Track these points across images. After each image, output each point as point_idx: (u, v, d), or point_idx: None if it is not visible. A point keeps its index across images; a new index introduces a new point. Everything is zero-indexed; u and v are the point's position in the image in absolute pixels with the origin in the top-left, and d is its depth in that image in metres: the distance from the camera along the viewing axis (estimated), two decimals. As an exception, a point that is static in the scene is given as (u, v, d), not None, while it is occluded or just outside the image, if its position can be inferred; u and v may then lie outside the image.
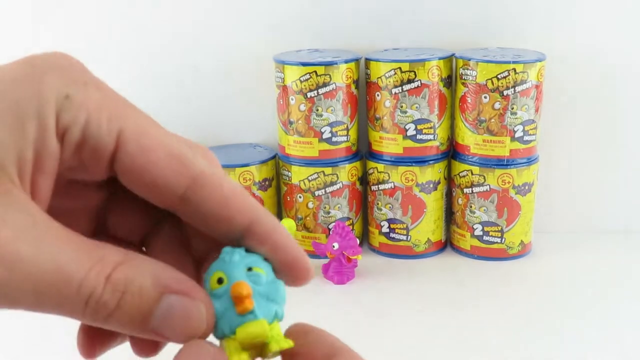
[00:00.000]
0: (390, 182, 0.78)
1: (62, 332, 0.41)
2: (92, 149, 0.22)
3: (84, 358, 0.25)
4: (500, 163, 0.76)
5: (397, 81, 0.75)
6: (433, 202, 0.79)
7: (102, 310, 0.20)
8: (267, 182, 0.81)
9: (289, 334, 0.24)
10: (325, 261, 0.75)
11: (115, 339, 0.25)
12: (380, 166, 0.79)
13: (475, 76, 0.74)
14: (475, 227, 0.79)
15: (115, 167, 0.22)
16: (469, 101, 0.76)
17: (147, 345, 0.25)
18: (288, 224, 0.76)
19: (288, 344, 0.23)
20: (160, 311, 0.21)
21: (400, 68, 0.74)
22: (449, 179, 0.81)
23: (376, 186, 0.80)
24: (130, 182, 0.23)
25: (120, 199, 0.26)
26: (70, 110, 0.21)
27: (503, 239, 0.78)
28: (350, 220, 0.81)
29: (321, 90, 0.75)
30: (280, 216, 0.84)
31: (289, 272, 0.24)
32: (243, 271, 0.23)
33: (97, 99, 0.22)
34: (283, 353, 0.23)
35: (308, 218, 0.80)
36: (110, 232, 0.26)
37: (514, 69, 0.72)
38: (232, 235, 0.23)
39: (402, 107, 0.76)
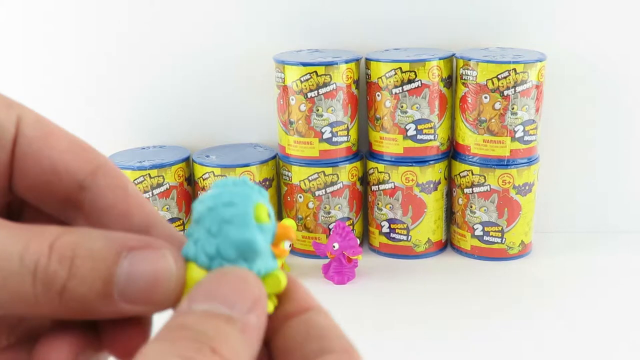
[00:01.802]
0: (391, 182, 0.78)
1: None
2: None
3: None
4: (501, 163, 0.76)
5: (397, 81, 0.75)
6: (433, 202, 0.79)
7: (54, 282, 0.18)
8: (267, 182, 0.81)
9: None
10: (326, 261, 0.75)
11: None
12: (381, 166, 0.79)
13: (476, 76, 0.74)
14: (475, 227, 0.79)
15: (14, 156, 0.21)
16: (470, 101, 0.75)
17: (125, 342, 0.21)
18: (288, 224, 0.76)
19: (274, 302, 0.21)
20: (122, 271, 0.18)
21: (400, 68, 0.74)
22: (450, 179, 0.81)
23: (376, 186, 0.80)
24: (28, 172, 0.21)
25: None
26: None
27: (503, 239, 0.78)
28: (351, 221, 0.81)
29: (321, 91, 0.75)
30: (280, 216, 0.84)
31: None
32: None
33: None
34: None
35: (308, 218, 0.80)
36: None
37: (515, 69, 0.72)
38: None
39: (402, 107, 0.76)
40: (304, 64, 0.74)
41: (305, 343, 0.19)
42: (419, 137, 0.77)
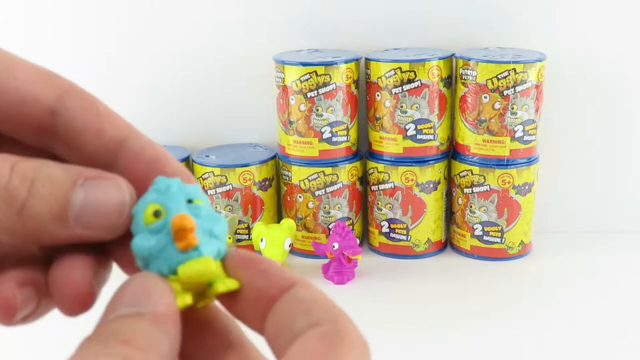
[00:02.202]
0: (390, 182, 0.78)
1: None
2: None
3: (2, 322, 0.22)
4: (501, 163, 0.76)
5: (397, 81, 0.75)
6: (433, 202, 0.79)
7: (14, 199, 0.19)
8: (267, 182, 0.81)
9: (233, 266, 0.21)
10: (325, 261, 0.75)
11: (32, 295, 0.22)
12: (380, 166, 0.79)
13: (476, 76, 0.74)
14: (475, 227, 0.79)
15: None
16: (469, 101, 0.76)
17: (71, 292, 0.21)
18: (288, 223, 0.76)
19: (234, 284, 0.20)
20: (77, 197, 0.19)
21: (400, 68, 0.74)
22: (449, 179, 0.81)
23: (376, 186, 0.80)
24: None
25: None
26: None
27: (503, 239, 0.78)
28: (350, 220, 0.81)
29: (321, 90, 0.75)
30: (280, 216, 0.84)
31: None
32: (183, 203, 0.21)
33: None
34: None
35: (308, 218, 0.80)
36: None
37: (514, 69, 0.72)
38: (105, 154, 0.22)
39: (402, 107, 0.76)
40: (304, 64, 0.74)
41: (293, 320, 0.19)
42: (418, 137, 0.77)
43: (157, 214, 0.20)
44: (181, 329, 0.19)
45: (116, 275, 0.22)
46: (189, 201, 0.21)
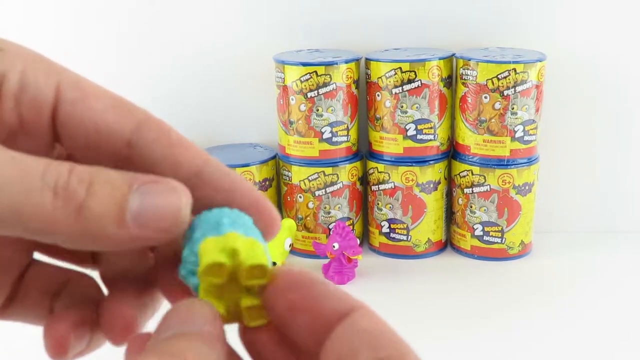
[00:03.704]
0: (391, 182, 0.78)
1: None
2: (31, 99, 0.21)
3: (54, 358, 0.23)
4: (501, 163, 0.76)
5: (397, 81, 0.75)
6: (433, 202, 0.79)
7: (73, 199, 0.19)
8: (267, 182, 0.81)
9: (283, 287, 0.21)
10: (326, 261, 0.75)
11: (84, 334, 0.23)
12: (381, 166, 0.79)
13: (476, 76, 0.74)
14: (475, 227, 0.79)
15: (56, 121, 0.21)
16: (470, 101, 0.76)
17: (121, 325, 0.23)
18: (288, 224, 0.76)
19: (262, 320, 0.21)
20: (135, 198, 0.20)
21: (400, 68, 0.74)
22: (449, 179, 0.81)
23: (376, 186, 0.80)
24: (73, 135, 0.22)
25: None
26: (5, 60, 0.21)
27: (503, 239, 0.78)
28: (351, 220, 0.81)
29: (321, 90, 0.75)
30: (280, 216, 0.84)
31: (255, 215, 0.23)
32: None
33: (31, 52, 0.22)
34: (283, 306, 0.21)
35: (308, 218, 0.80)
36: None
37: (514, 69, 0.72)
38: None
39: (402, 107, 0.76)
40: (304, 64, 0.74)
41: (357, 354, 0.19)
42: (418, 137, 0.77)
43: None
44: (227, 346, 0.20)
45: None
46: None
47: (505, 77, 0.73)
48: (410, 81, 0.75)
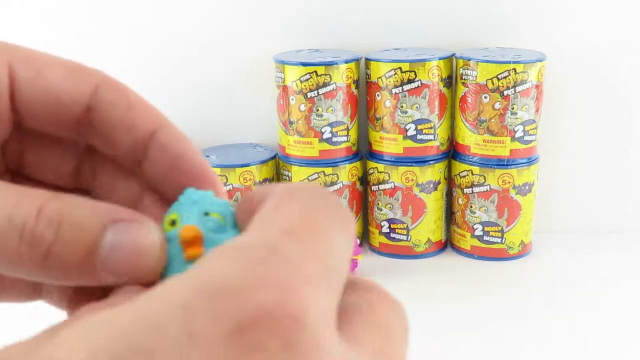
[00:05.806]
0: (391, 182, 0.78)
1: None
2: None
3: None
4: (501, 163, 0.76)
5: (397, 81, 0.75)
6: (433, 202, 0.79)
7: (39, 244, 0.18)
8: (267, 182, 0.81)
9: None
10: (326, 261, 0.75)
11: None
12: (381, 166, 0.79)
13: (476, 76, 0.74)
14: (475, 227, 0.79)
15: (15, 102, 0.21)
16: (469, 101, 0.76)
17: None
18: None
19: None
20: (106, 241, 0.19)
21: (400, 68, 0.74)
22: (449, 179, 0.81)
23: (376, 186, 0.80)
24: (34, 111, 0.21)
25: (31, 139, 0.24)
26: None
27: (503, 239, 0.78)
28: (351, 220, 0.81)
29: (321, 90, 0.75)
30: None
31: (196, 183, 0.22)
32: (198, 214, 0.21)
33: None
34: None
35: (308, 218, 0.80)
36: (31, 175, 0.24)
37: (514, 69, 0.72)
38: (137, 148, 0.22)
39: (402, 107, 0.76)
40: (304, 64, 0.74)
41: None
42: (418, 137, 0.77)
43: (173, 223, 0.21)
44: None
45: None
46: (206, 214, 0.21)
47: (505, 77, 0.73)
48: (410, 81, 0.75)
